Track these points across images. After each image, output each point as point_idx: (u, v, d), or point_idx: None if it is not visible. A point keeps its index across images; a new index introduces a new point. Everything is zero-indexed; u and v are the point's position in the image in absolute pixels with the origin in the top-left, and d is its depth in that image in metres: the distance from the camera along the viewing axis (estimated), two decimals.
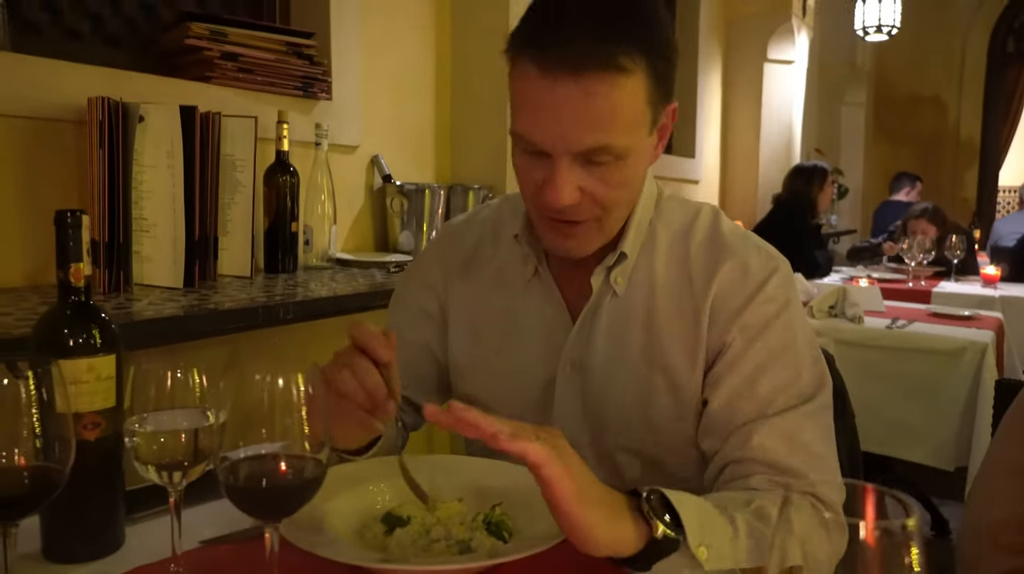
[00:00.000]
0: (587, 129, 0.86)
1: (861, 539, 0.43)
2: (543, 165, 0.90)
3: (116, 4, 1.80)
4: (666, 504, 0.78)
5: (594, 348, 1.04)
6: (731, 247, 1.01)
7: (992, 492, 0.98)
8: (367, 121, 2.22)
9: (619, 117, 0.87)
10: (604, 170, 0.90)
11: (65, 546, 0.84)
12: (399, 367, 1.06)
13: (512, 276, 1.10)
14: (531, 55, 0.87)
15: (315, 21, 2.08)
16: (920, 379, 2.65)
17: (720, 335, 0.98)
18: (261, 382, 0.68)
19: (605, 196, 0.92)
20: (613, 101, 0.85)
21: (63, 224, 0.79)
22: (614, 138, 0.87)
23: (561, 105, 0.85)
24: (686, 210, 1.07)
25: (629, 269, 1.03)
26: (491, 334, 1.12)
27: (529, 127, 0.89)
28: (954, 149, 7.14)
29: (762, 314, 0.98)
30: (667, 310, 1.01)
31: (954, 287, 3.88)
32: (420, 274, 1.19)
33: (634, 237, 1.03)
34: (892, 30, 5.31)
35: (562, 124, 0.86)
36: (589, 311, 1.04)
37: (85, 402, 0.80)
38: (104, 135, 1.43)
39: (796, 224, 4.12)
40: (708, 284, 0.99)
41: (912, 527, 0.42)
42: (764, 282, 0.99)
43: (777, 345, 0.97)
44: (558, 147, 0.88)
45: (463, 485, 0.95)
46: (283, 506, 0.69)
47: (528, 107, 0.89)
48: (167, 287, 1.52)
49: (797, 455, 0.93)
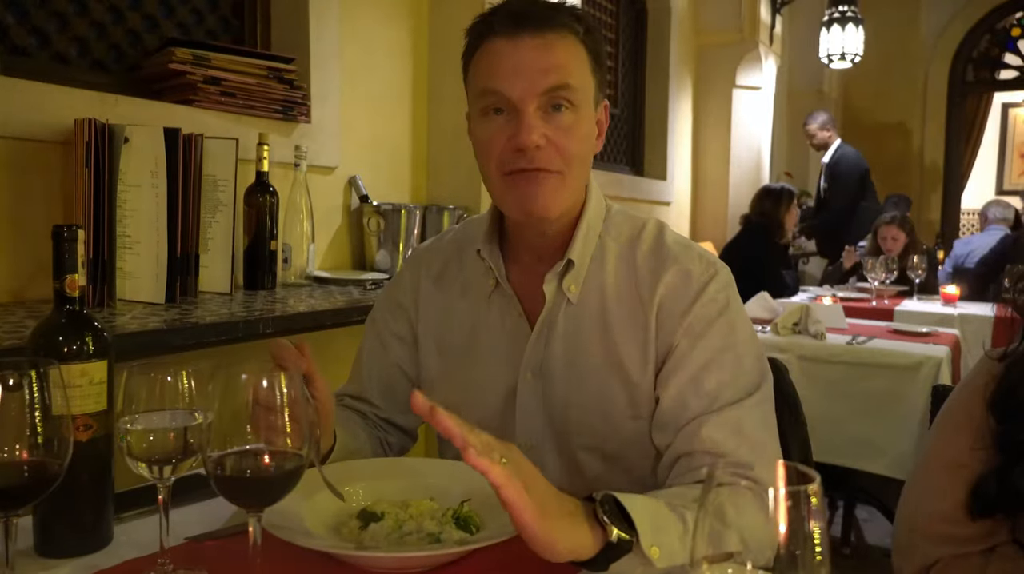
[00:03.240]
0: (548, 70, 1.01)
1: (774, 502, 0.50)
2: (510, 120, 1.03)
3: (102, 30, 1.86)
4: (620, 508, 0.83)
5: (552, 354, 1.11)
6: (674, 255, 1.10)
7: (924, 487, 1.06)
8: (345, 143, 2.29)
9: (572, 66, 1.04)
10: (563, 118, 1.03)
11: (57, 542, 0.88)
12: (376, 390, 1.23)
13: (475, 290, 1.18)
14: (500, 31, 1.03)
15: (295, 47, 2.16)
16: (879, 393, 2.74)
17: (667, 337, 1.06)
18: (247, 383, 0.74)
19: (566, 146, 1.04)
20: (568, 52, 1.04)
21: (60, 238, 0.85)
22: (570, 78, 1.02)
23: (526, 56, 1.02)
24: (633, 223, 1.16)
25: (581, 277, 1.11)
26: (457, 347, 1.19)
27: (500, 81, 1.02)
28: (919, 173, 7.34)
29: (704, 316, 1.06)
30: (619, 315, 1.09)
31: (915, 305, 4.00)
32: (392, 297, 1.27)
33: (582, 246, 1.11)
34: (856, 58, 5.48)
35: (528, 71, 1.01)
36: (545, 319, 1.12)
37: (78, 405, 0.85)
38: (90, 155, 1.48)
39: (764, 244, 4.24)
40: (654, 290, 1.08)
41: (812, 491, 0.50)
42: (705, 285, 1.07)
43: (720, 344, 1.05)
44: (526, 92, 1.01)
45: (434, 485, 1.02)
46: (266, 495, 0.75)
47: (497, 67, 1.03)
48: (149, 302, 1.57)
49: (743, 446, 1.00)
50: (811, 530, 0.51)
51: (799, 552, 0.51)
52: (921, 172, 7.35)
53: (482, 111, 1.06)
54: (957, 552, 0.99)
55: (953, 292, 4.01)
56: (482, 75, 1.05)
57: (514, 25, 1.02)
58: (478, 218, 1.22)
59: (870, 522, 3.33)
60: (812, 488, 0.51)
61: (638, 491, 1.00)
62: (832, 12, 5.44)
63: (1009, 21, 7.28)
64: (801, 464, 0.55)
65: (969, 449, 0.99)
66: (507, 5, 1.05)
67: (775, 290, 3.81)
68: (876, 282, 4.12)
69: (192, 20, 2.06)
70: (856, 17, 5.39)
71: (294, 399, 0.75)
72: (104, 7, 1.86)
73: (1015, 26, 7.35)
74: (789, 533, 0.51)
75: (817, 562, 0.51)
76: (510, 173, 1.05)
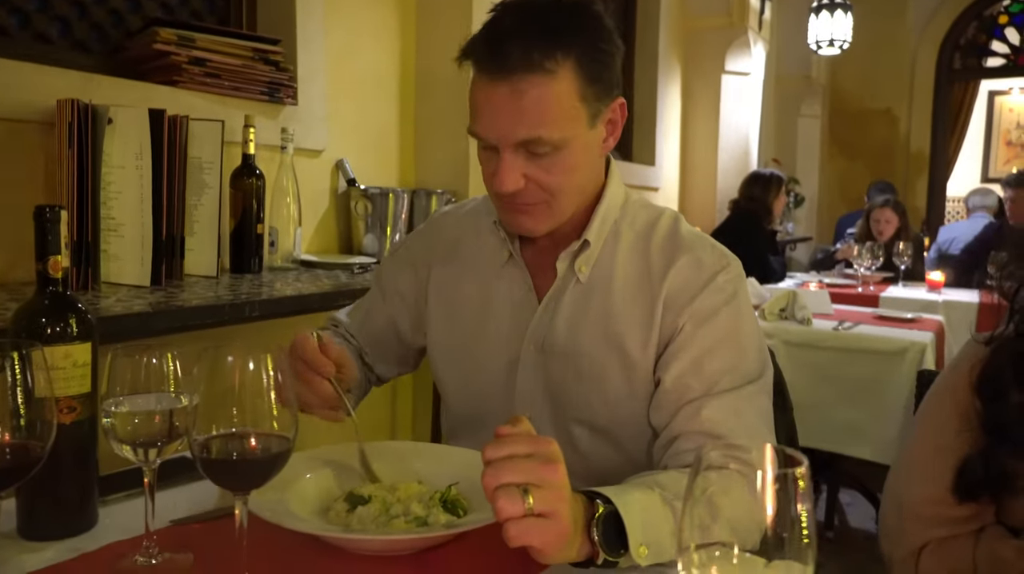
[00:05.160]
0: (519, 124, 1.00)
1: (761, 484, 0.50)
2: (494, 157, 1.04)
3: (84, 9, 1.83)
4: (617, 518, 0.81)
5: (556, 330, 1.13)
6: (688, 244, 1.12)
7: (912, 470, 1.07)
8: (332, 126, 2.27)
9: (548, 113, 0.99)
10: (544, 159, 1.02)
11: (40, 525, 0.88)
12: (366, 339, 1.27)
13: (488, 261, 1.20)
14: (475, 64, 1.03)
15: (281, 28, 2.13)
16: (864, 378, 2.76)
17: (673, 321, 1.08)
18: (233, 365, 0.73)
19: (548, 182, 1.04)
20: (540, 99, 0.99)
21: (43, 218, 0.84)
22: (545, 131, 1.00)
23: (498, 104, 1.00)
24: (650, 212, 1.18)
25: (593, 258, 1.13)
26: (465, 316, 1.21)
27: (476, 124, 1.04)
28: (905, 160, 7.38)
29: (711, 302, 1.07)
30: (625, 298, 1.11)
31: (901, 292, 4.03)
32: (406, 253, 1.31)
33: (598, 229, 1.13)
34: (844, 44, 5.48)
35: (500, 120, 1.01)
36: (553, 295, 1.14)
37: (61, 387, 0.85)
38: (73, 136, 1.46)
39: (753, 229, 4.25)
40: (664, 275, 1.09)
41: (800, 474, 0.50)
42: (715, 274, 1.09)
43: (724, 331, 1.06)
44: (501, 139, 1.01)
45: (422, 468, 1.02)
46: (253, 478, 0.74)
47: (475, 107, 1.04)
48: (134, 285, 1.56)
49: (740, 430, 1.01)
50: (798, 513, 0.51)
51: (786, 534, 0.52)
52: (907, 159, 7.38)
53: (472, 135, 1.07)
54: (947, 534, 1.00)
55: (938, 279, 4.05)
56: (470, 106, 1.06)
57: (490, 71, 1.00)
58: None
59: (853, 506, 3.37)
60: (800, 471, 0.51)
61: (631, 469, 1.01)
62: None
63: (996, 8, 7.30)
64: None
65: (955, 432, 1.00)
66: (490, 33, 1.02)
67: (763, 276, 3.83)
68: (862, 268, 4.15)
69: (176, 1, 2.03)
70: (844, 3, 5.38)
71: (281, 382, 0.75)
72: None
73: (1002, 13, 7.38)
74: (776, 516, 0.51)
75: (804, 544, 0.52)
76: (498, 197, 1.08)
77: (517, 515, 0.73)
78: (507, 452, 0.75)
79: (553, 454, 0.77)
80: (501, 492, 0.73)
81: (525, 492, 0.73)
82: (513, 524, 0.73)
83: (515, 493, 0.73)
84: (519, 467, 0.74)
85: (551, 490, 0.75)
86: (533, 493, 0.73)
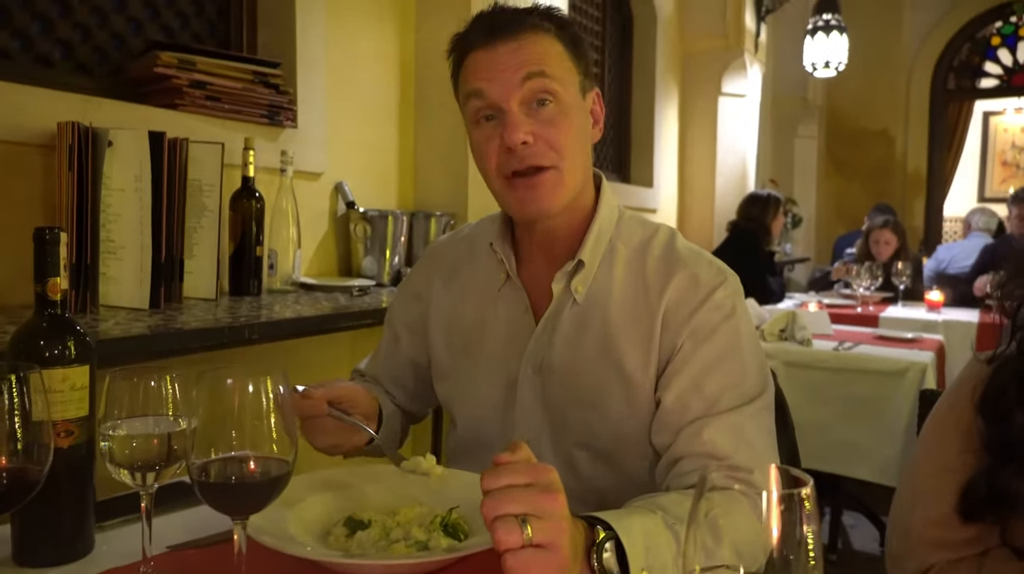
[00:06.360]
0: (525, 66, 1.04)
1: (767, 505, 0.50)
2: (498, 122, 1.06)
3: (86, 32, 1.84)
4: (618, 543, 0.80)
5: (554, 352, 1.12)
6: (684, 260, 1.11)
7: (917, 492, 1.05)
8: (332, 148, 2.28)
9: (548, 57, 1.06)
10: (546, 110, 1.05)
11: (36, 551, 0.87)
12: (387, 379, 1.30)
13: (486, 283, 1.20)
14: (477, 43, 1.07)
15: (281, 51, 2.15)
16: (865, 399, 2.75)
17: (672, 339, 1.07)
18: (232, 388, 0.73)
19: (556, 139, 1.05)
20: (541, 47, 1.06)
21: (42, 240, 0.83)
22: (548, 67, 1.05)
23: (503, 58, 1.05)
24: (645, 228, 1.18)
25: (589, 278, 1.12)
26: (464, 339, 1.21)
27: (481, 82, 1.06)
28: (902, 180, 7.41)
29: (710, 320, 1.06)
30: (623, 316, 1.10)
31: (901, 312, 4.02)
32: (408, 287, 1.33)
33: (593, 247, 1.12)
34: (840, 66, 5.53)
35: (505, 70, 1.05)
36: (550, 316, 1.13)
37: (59, 411, 0.84)
38: (73, 159, 1.46)
39: (751, 250, 4.25)
40: (662, 292, 1.08)
41: (806, 494, 0.49)
42: (713, 291, 1.08)
43: (723, 348, 1.06)
44: (505, 89, 1.04)
45: (423, 492, 1.01)
46: (252, 502, 0.74)
47: (479, 71, 1.07)
48: (133, 308, 1.55)
49: (743, 450, 1.00)
50: (804, 534, 0.50)
51: (792, 556, 0.51)
52: (904, 178, 7.42)
53: (474, 120, 1.09)
54: (952, 557, 0.99)
55: (937, 299, 4.05)
56: (466, 81, 1.09)
57: (488, 35, 1.06)
58: (492, 215, 1.24)
59: (856, 528, 3.34)
60: (805, 491, 0.50)
61: (633, 491, 1.00)
62: (816, 20, 5.48)
63: (989, 30, 7.38)
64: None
65: (958, 452, 0.99)
66: (480, 18, 1.10)
67: (762, 296, 3.83)
68: (861, 288, 4.15)
69: (177, 23, 2.05)
70: (840, 25, 5.43)
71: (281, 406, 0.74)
72: (88, 9, 1.84)
73: (995, 35, 7.45)
74: (782, 537, 0.51)
75: (811, 566, 0.51)
76: (508, 176, 1.07)
77: (516, 546, 0.72)
78: (506, 481, 0.74)
79: (552, 483, 0.75)
80: (500, 523, 0.72)
81: (524, 522, 0.72)
82: (512, 555, 0.72)
83: (514, 523, 0.72)
84: (518, 497, 0.73)
85: (550, 520, 0.73)
86: (532, 523, 0.72)
